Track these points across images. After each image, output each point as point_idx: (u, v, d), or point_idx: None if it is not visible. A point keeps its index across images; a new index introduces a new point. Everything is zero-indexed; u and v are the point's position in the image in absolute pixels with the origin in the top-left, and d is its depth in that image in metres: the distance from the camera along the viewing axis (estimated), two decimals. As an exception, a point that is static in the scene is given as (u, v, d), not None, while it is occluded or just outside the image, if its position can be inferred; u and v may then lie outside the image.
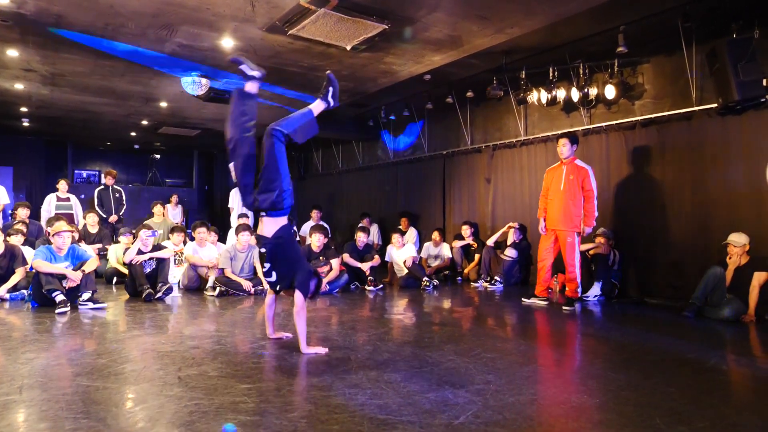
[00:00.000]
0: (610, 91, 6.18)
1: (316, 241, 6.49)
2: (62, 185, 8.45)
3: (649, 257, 6.06)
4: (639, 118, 6.15)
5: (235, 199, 10.32)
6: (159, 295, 5.64)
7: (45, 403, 2.40)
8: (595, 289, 5.86)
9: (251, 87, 3.49)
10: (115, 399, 2.52)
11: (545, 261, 5.57)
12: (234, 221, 9.93)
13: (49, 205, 8.29)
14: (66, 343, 3.76)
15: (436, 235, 7.93)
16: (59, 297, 4.87)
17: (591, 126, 6.67)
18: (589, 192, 5.31)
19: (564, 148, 5.40)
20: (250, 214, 9.94)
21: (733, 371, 3.25)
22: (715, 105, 5.34)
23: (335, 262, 6.47)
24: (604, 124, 6.53)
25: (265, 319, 3.79)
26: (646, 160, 6.13)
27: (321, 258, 6.44)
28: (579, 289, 5.43)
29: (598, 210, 5.42)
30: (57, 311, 4.77)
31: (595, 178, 5.44)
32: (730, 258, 4.91)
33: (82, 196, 10.92)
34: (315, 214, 9.40)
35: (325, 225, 8.43)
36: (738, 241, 4.83)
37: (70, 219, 7.62)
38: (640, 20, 5.25)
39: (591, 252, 6.06)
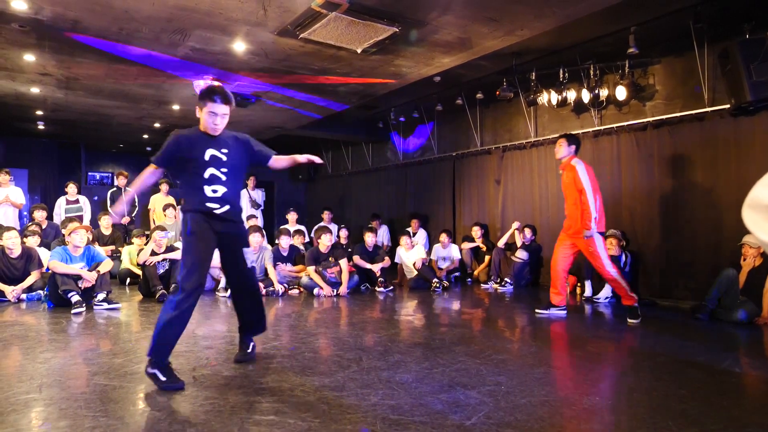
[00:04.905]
0: (620, 92, 6.16)
1: (326, 242, 6.52)
2: (70, 188, 8.60)
3: (660, 259, 6.03)
4: (650, 119, 6.12)
5: (243, 200, 10.41)
6: (172, 295, 5.71)
7: (64, 402, 2.45)
8: (606, 291, 5.84)
9: None
10: (131, 398, 2.57)
11: (557, 266, 5.00)
12: (243, 223, 9.99)
13: (60, 208, 8.46)
14: (82, 342, 3.83)
15: (443, 237, 7.87)
16: (75, 297, 4.96)
17: (602, 127, 6.65)
18: (580, 191, 4.62)
19: (560, 148, 4.86)
20: (258, 215, 10.03)
21: (746, 374, 3.23)
22: (728, 106, 5.31)
23: (344, 263, 6.50)
24: (614, 125, 6.51)
25: None
26: (658, 162, 6.10)
27: (331, 259, 6.47)
28: (631, 293, 4.65)
29: (604, 211, 4.75)
30: (73, 311, 4.86)
31: (593, 176, 4.69)
32: (744, 260, 4.87)
33: (95, 198, 11.05)
34: (326, 215, 9.45)
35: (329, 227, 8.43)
36: (754, 242, 4.78)
37: (80, 220, 7.72)
38: (651, 21, 5.23)
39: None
